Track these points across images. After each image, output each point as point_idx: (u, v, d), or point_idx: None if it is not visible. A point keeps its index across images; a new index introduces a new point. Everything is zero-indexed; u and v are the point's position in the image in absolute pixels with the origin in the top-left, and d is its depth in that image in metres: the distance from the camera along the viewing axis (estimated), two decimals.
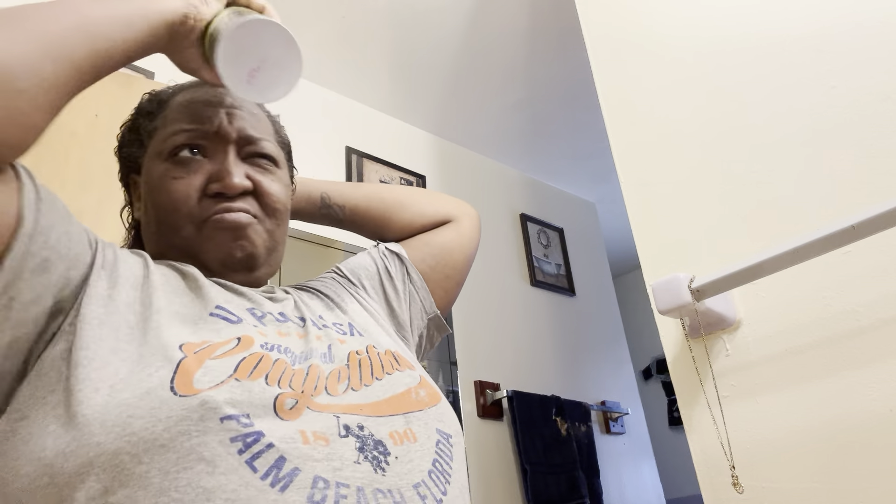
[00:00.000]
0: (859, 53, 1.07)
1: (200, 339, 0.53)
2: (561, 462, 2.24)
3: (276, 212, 0.68)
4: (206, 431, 0.45)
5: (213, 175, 0.64)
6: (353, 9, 2.12)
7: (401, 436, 0.54)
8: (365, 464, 0.49)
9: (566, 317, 2.84)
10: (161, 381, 0.47)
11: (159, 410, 0.45)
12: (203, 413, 0.45)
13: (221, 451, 0.45)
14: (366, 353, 0.61)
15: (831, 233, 0.89)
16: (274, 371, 0.52)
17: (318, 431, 0.49)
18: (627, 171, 1.36)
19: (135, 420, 0.45)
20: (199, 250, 0.64)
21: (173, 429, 0.44)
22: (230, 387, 0.48)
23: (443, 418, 0.59)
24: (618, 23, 1.48)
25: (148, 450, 0.44)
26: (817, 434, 0.97)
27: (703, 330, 1.12)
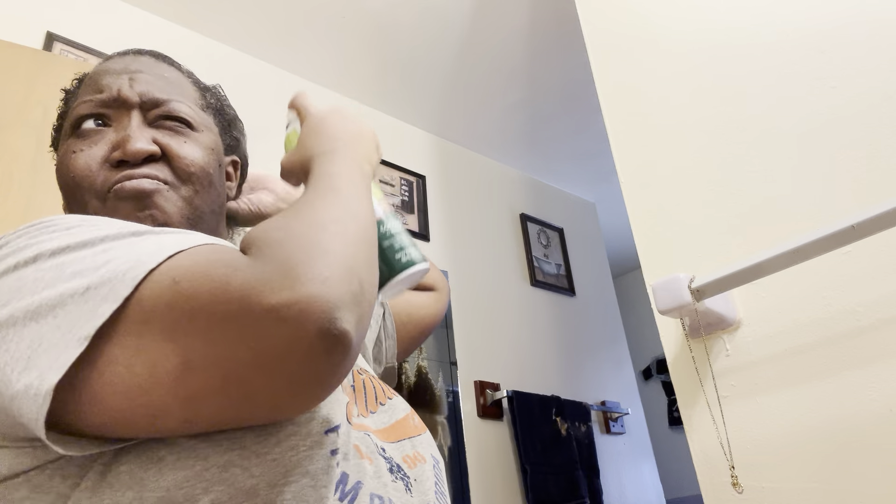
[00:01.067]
0: (860, 53, 1.07)
1: None
2: (561, 462, 2.24)
3: (192, 176, 0.61)
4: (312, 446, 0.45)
5: (115, 143, 0.59)
6: (352, 9, 2.12)
7: (412, 459, 0.55)
8: (398, 483, 0.51)
9: (566, 317, 2.84)
10: None
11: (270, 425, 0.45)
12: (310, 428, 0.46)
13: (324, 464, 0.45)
14: (368, 376, 0.62)
15: (831, 233, 0.88)
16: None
17: (365, 448, 0.50)
18: (627, 171, 1.36)
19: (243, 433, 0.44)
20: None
21: (284, 443, 0.45)
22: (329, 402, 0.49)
23: (432, 445, 0.61)
24: (618, 23, 1.48)
25: (260, 464, 0.43)
26: (817, 434, 0.97)
27: (703, 330, 1.12)
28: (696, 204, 1.22)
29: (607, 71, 1.47)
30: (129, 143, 0.58)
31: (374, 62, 2.36)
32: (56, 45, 1.76)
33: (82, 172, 0.58)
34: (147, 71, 0.64)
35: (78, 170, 0.58)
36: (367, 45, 2.28)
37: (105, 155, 0.59)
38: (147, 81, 0.63)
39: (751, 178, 1.15)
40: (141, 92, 0.62)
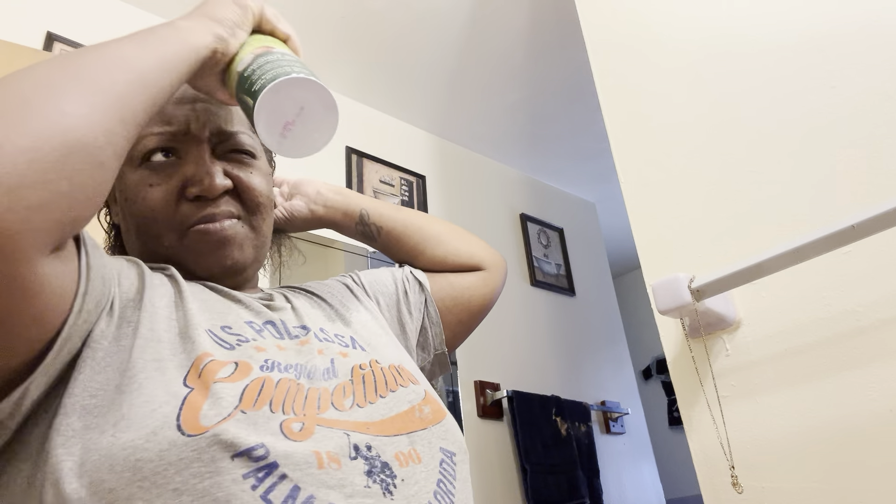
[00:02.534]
0: (861, 53, 1.06)
1: (200, 350, 0.51)
2: (561, 462, 2.24)
3: (260, 206, 0.65)
4: (218, 472, 0.44)
5: (189, 178, 0.61)
6: (352, 9, 2.12)
7: (406, 457, 0.53)
8: (375, 487, 0.48)
9: (566, 317, 2.84)
10: (166, 418, 0.45)
11: (169, 453, 0.43)
12: (213, 454, 0.44)
13: (235, 489, 0.43)
14: (370, 368, 0.60)
15: (831, 233, 0.88)
16: (277, 395, 0.51)
17: (332, 452, 0.48)
18: (627, 171, 1.36)
19: (144, 464, 0.43)
20: (184, 259, 0.61)
21: (185, 472, 0.43)
22: (237, 420, 0.46)
23: (447, 436, 0.58)
24: (618, 23, 1.48)
25: (161, 494, 0.42)
26: (817, 434, 0.97)
27: (703, 330, 1.12)
28: (696, 204, 1.22)
29: (607, 71, 1.47)
30: (207, 181, 0.60)
31: (374, 62, 2.36)
32: (56, 46, 1.76)
33: (161, 207, 0.60)
34: (210, 102, 0.65)
35: (157, 204, 0.60)
36: (367, 45, 2.28)
37: (179, 189, 0.61)
38: (211, 112, 0.65)
39: (751, 178, 1.15)
40: (210, 125, 0.64)
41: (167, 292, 0.57)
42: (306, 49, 2.25)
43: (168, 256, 0.62)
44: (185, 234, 0.61)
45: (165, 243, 0.61)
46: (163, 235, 0.61)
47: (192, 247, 0.61)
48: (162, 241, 0.61)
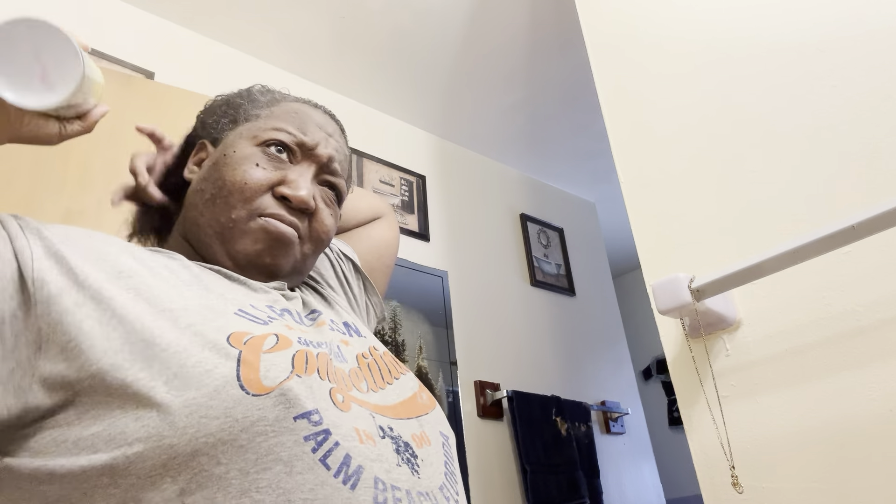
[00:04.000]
0: (860, 53, 1.07)
1: (240, 328, 0.51)
2: (561, 462, 2.24)
3: (320, 242, 0.69)
4: (281, 432, 0.45)
5: (288, 181, 0.65)
6: (352, 9, 2.12)
7: (420, 439, 0.55)
8: (404, 466, 0.50)
9: (566, 317, 2.84)
10: (226, 378, 0.45)
11: (234, 410, 0.44)
12: (278, 413, 0.45)
13: (297, 450, 0.45)
14: (371, 357, 0.62)
15: (831, 233, 0.89)
16: (321, 366, 0.52)
17: (367, 430, 0.50)
18: (627, 171, 1.36)
19: (209, 421, 0.44)
20: (236, 237, 0.63)
21: (251, 429, 0.44)
22: (297, 383, 0.47)
23: (441, 421, 0.61)
24: (618, 23, 1.48)
25: (226, 451, 0.43)
26: (817, 434, 0.97)
27: (703, 330, 1.12)
28: (696, 204, 1.22)
29: (607, 71, 1.47)
30: (301, 192, 0.64)
31: (374, 62, 2.36)
32: None
33: (253, 186, 0.63)
34: (336, 138, 0.72)
35: (252, 181, 0.63)
36: (367, 45, 2.28)
37: (274, 182, 0.64)
38: (336, 149, 0.71)
39: (751, 177, 1.15)
40: (330, 155, 0.69)
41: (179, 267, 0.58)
42: (307, 49, 2.26)
43: (223, 227, 0.63)
44: (253, 219, 0.63)
45: (233, 215, 0.63)
46: (236, 208, 0.63)
47: (251, 231, 0.63)
48: (230, 213, 0.63)
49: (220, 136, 0.70)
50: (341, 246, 0.87)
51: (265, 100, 0.73)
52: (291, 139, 0.67)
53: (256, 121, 0.69)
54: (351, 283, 0.83)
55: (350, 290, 0.83)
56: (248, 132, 0.68)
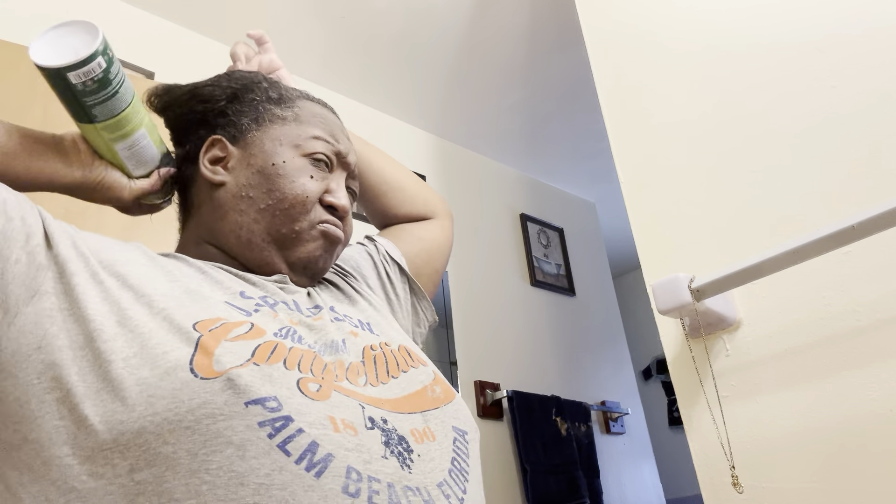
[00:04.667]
0: (860, 53, 1.07)
1: (213, 315, 0.52)
2: (561, 462, 2.24)
3: (348, 239, 0.73)
4: (231, 416, 0.44)
5: (332, 191, 0.69)
6: (352, 9, 2.12)
7: (421, 434, 0.53)
8: (392, 459, 0.49)
9: (566, 317, 2.84)
10: (179, 360, 0.46)
11: (181, 392, 0.45)
12: (227, 397, 0.45)
13: (250, 435, 0.44)
14: (380, 349, 0.62)
15: (831, 233, 0.89)
16: (291, 356, 0.52)
17: (347, 419, 0.49)
18: (627, 171, 1.36)
19: (156, 400, 0.44)
20: (298, 244, 0.66)
21: (197, 411, 0.44)
22: (250, 370, 0.47)
23: (458, 415, 0.59)
24: (618, 23, 1.48)
25: (173, 430, 0.44)
26: (817, 434, 0.97)
27: (703, 330, 1.12)
28: (696, 204, 1.22)
29: (607, 71, 1.47)
30: (343, 201, 0.69)
31: (374, 62, 2.36)
32: None
33: (312, 198, 0.67)
34: (350, 139, 0.76)
35: (311, 194, 0.67)
36: (367, 45, 2.28)
37: (322, 192, 0.69)
38: (354, 152, 0.75)
39: (751, 178, 1.15)
40: (354, 163, 0.74)
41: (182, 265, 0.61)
42: (307, 49, 2.26)
43: (285, 235, 0.66)
44: (314, 228, 0.67)
45: (297, 227, 0.66)
46: (299, 220, 0.66)
47: (315, 237, 0.67)
48: (294, 224, 0.66)
49: (242, 135, 0.70)
50: (388, 247, 0.86)
51: (279, 96, 0.73)
52: (330, 149, 0.71)
53: (285, 124, 0.71)
54: (395, 285, 0.83)
55: (394, 292, 0.83)
56: (288, 139, 0.69)
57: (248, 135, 0.70)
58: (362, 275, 0.81)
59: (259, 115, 0.71)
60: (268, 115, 0.71)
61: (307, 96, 0.76)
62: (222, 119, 0.71)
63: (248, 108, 0.72)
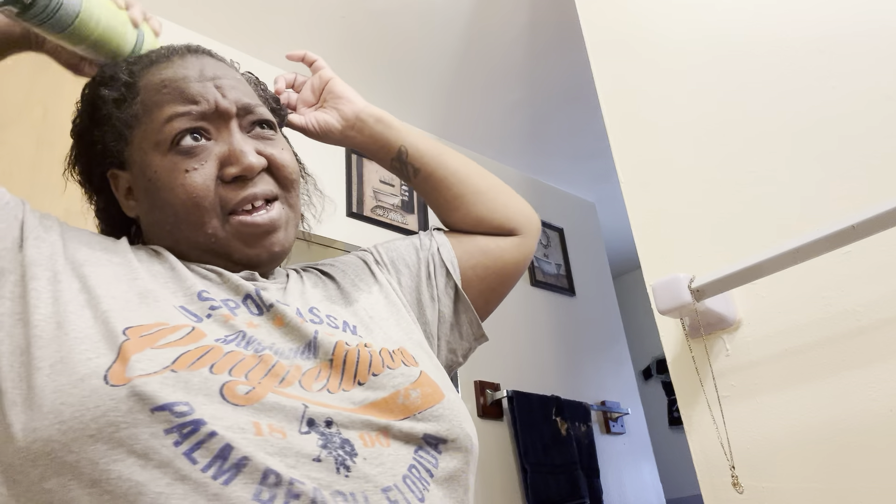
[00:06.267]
0: (860, 54, 1.07)
1: (154, 319, 0.50)
2: (561, 462, 2.24)
3: (294, 183, 0.64)
4: (135, 424, 0.43)
5: (224, 159, 0.60)
6: (353, 9, 2.12)
7: (372, 438, 0.49)
8: (327, 461, 0.46)
9: (566, 317, 2.83)
10: (97, 368, 0.45)
11: (88, 400, 0.44)
12: (131, 405, 0.43)
13: (155, 443, 0.43)
14: (356, 352, 0.56)
15: (831, 233, 0.88)
16: (224, 361, 0.49)
17: (275, 424, 0.46)
18: (627, 171, 1.36)
19: (66, 408, 0.44)
20: (228, 246, 0.60)
21: (101, 419, 0.43)
22: (163, 377, 0.45)
23: (439, 421, 0.53)
24: (618, 22, 1.48)
25: (77, 439, 0.43)
26: (817, 434, 0.97)
27: (703, 330, 1.12)
28: (696, 204, 1.22)
29: (607, 71, 1.47)
30: (244, 159, 0.59)
31: (374, 62, 2.36)
32: None
33: (202, 192, 0.58)
34: (223, 75, 0.64)
35: (198, 189, 0.58)
36: (367, 45, 2.28)
37: (216, 171, 0.59)
38: (232, 87, 0.63)
39: (751, 177, 1.15)
40: (235, 100, 0.62)
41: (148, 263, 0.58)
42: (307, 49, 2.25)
43: (210, 244, 0.60)
44: (228, 220, 0.60)
45: (208, 230, 0.59)
46: (205, 222, 0.59)
47: (236, 234, 0.60)
48: (204, 228, 0.59)
49: (122, 157, 0.63)
50: (442, 246, 0.77)
51: (121, 93, 0.63)
52: (189, 119, 0.59)
53: (140, 123, 0.61)
54: (437, 288, 0.74)
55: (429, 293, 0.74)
56: (147, 141, 0.60)
57: (123, 155, 0.63)
58: (397, 269, 0.74)
59: (117, 130, 0.63)
60: (123, 125, 0.62)
61: (150, 62, 0.64)
62: (100, 151, 0.65)
63: (106, 126, 0.63)
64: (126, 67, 0.64)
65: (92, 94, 0.65)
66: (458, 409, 0.56)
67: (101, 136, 0.64)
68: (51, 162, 1.38)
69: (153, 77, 0.63)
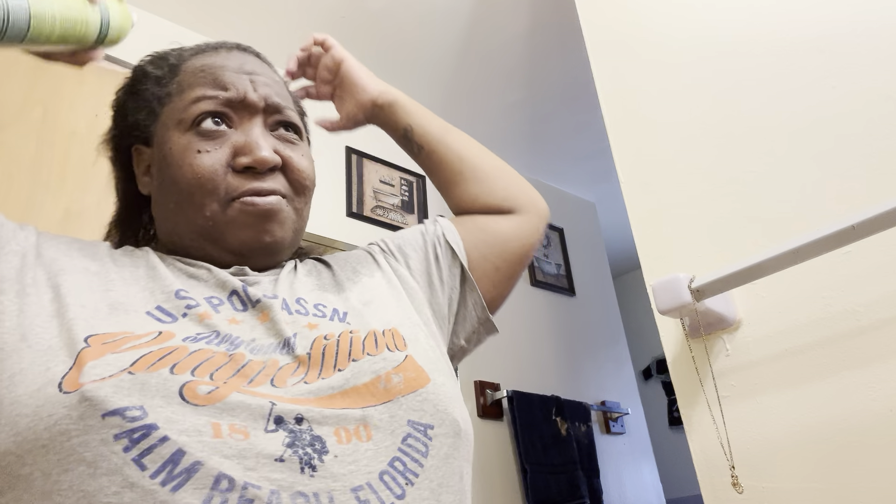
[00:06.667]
0: (860, 54, 1.07)
1: (120, 329, 0.50)
2: (561, 462, 2.24)
3: (306, 189, 0.64)
4: (86, 430, 0.42)
5: (239, 148, 0.60)
6: (352, 9, 2.12)
7: (349, 433, 0.47)
8: (291, 461, 0.44)
9: (566, 317, 2.84)
10: (53, 376, 0.44)
11: (42, 409, 0.43)
12: (83, 411, 0.42)
13: (104, 450, 0.41)
14: (335, 339, 0.55)
15: (831, 233, 0.88)
16: (187, 361, 0.47)
17: (238, 424, 0.44)
18: (627, 171, 1.36)
19: (21, 419, 0.43)
20: (223, 231, 0.59)
21: (53, 428, 0.42)
22: (118, 381, 0.44)
23: (423, 406, 0.52)
24: (618, 23, 1.48)
25: (31, 450, 0.42)
26: (817, 434, 0.97)
27: (703, 330, 1.12)
28: (696, 204, 1.22)
29: (607, 70, 1.47)
30: (258, 152, 0.59)
31: (374, 62, 2.36)
32: None
33: (208, 175, 0.58)
34: (261, 73, 0.65)
35: (204, 171, 0.58)
36: (367, 45, 2.28)
37: (228, 158, 0.59)
38: (266, 84, 0.64)
39: (751, 177, 1.15)
40: (265, 95, 0.63)
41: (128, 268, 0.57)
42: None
43: (206, 228, 0.60)
44: (229, 205, 0.59)
45: (207, 213, 0.59)
46: (206, 205, 0.58)
47: (234, 218, 0.59)
48: (203, 211, 0.59)
49: (149, 133, 0.64)
50: (447, 229, 0.77)
51: (163, 72, 0.65)
52: (215, 103, 0.61)
53: (171, 100, 0.63)
54: (442, 269, 0.74)
55: (439, 276, 0.74)
56: (171, 118, 0.61)
57: (150, 130, 0.64)
58: (405, 254, 0.74)
59: (150, 105, 0.64)
60: (157, 101, 0.64)
61: (199, 50, 0.67)
62: (131, 124, 0.66)
63: (141, 101, 0.65)
64: (177, 52, 0.67)
65: (138, 69, 0.67)
66: (445, 394, 0.54)
67: (134, 108, 0.65)
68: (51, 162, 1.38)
69: (196, 62, 0.65)
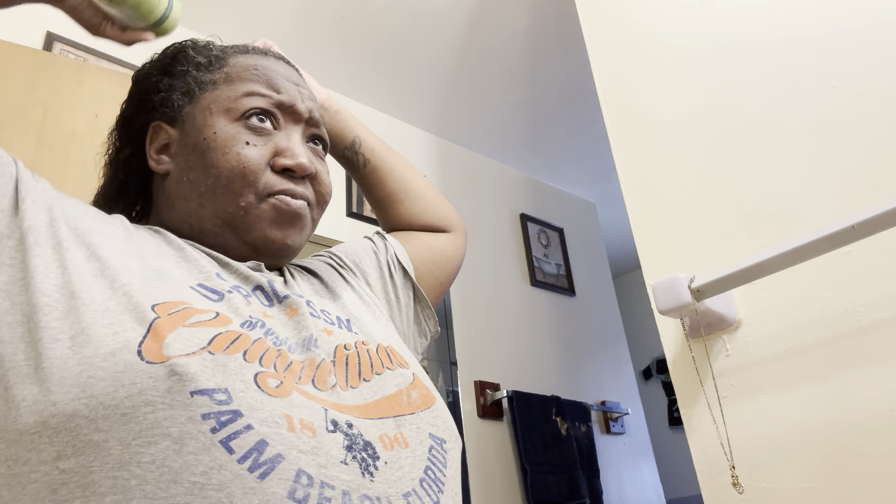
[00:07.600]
0: (860, 54, 1.07)
1: (178, 298, 0.49)
2: (561, 462, 2.24)
3: (325, 203, 0.67)
4: (173, 406, 0.41)
5: (281, 150, 0.62)
6: (353, 9, 2.12)
7: (391, 440, 0.49)
8: (353, 465, 0.45)
9: (566, 317, 2.83)
10: (128, 342, 0.43)
11: (123, 375, 0.41)
12: (171, 385, 0.41)
13: (191, 428, 0.40)
14: (354, 350, 0.57)
15: (831, 233, 0.88)
16: (254, 349, 0.48)
17: (306, 419, 0.45)
18: (627, 171, 1.36)
19: (95, 382, 0.41)
20: (251, 224, 0.60)
21: (137, 398, 0.40)
22: (202, 359, 0.43)
23: (436, 422, 0.55)
24: (618, 23, 1.48)
25: (107, 416, 0.40)
26: (817, 434, 0.97)
27: (703, 330, 1.12)
28: (696, 204, 1.22)
29: (607, 70, 1.47)
30: (300, 159, 0.62)
31: (374, 62, 2.36)
32: (56, 45, 1.76)
33: (252, 167, 0.60)
34: (305, 88, 0.68)
35: (250, 163, 0.60)
36: (367, 45, 2.28)
37: (270, 156, 0.62)
38: (310, 99, 0.68)
39: (751, 177, 1.15)
40: (310, 108, 0.67)
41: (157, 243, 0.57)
42: (307, 48, 2.26)
43: (235, 216, 0.60)
44: (264, 200, 0.61)
45: (242, 202, 0.60)
46: (243, 194, 0.60)
47: (265, 213, 0.61)
48: (238, 200, 0.60)
49: (178, 113, 0.64)
50: (397, 249, 0.81)
51: (209, 60, 0.67)
52: (268, 102, 0.63)
53: (216, 88, 0.64)
54: (398, 288, 0.78)
55: (395, 294, 0.77)
56: (218, 105, 0.63)
57: (183, 111, 0.64)
58: (362, 270, 0.76)
59: (189, 87, 0.65)
60: (197, 85, 0.65)
61: (245, 49, 0.69)
62: (158, 100, 0.66)
63: (178, 81, 0.66)
64: (220, 46, 0.69)
65: (177, 50, 0.68)
66: (447, 413, 0.58)
67: (168, 86, 0.66)
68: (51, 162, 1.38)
69: (246, 60, 0.67)
